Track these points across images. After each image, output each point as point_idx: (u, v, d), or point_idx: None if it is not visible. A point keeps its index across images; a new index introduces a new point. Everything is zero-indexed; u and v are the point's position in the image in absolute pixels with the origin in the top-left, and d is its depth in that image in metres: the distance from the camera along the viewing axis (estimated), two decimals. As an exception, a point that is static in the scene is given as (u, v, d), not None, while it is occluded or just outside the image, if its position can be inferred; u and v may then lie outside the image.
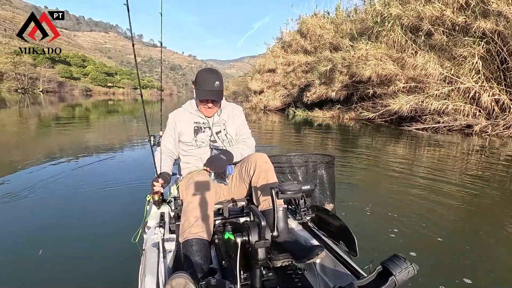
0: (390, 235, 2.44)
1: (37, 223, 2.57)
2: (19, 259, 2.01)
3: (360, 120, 13.23)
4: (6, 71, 53.78)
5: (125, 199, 3.14)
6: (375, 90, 12.20)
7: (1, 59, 54.65)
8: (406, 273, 0.91)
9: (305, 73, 17.42)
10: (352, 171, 4.56)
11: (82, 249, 2.17)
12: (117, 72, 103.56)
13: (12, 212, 2.76)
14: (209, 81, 1.61)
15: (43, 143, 6.92)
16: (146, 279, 1.09)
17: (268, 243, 1.01)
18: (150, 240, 1.36)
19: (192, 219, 1.36)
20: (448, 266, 2.05)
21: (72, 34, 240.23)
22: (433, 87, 10.08)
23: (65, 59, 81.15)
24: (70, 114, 15.45)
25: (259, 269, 1.07)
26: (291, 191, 1.20)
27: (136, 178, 3.86)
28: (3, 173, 3.91)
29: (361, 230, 2.45)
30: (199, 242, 1.32)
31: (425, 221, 2.71)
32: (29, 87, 55.71)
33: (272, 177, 1.56)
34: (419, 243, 2.32)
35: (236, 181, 1.70)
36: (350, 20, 15.89)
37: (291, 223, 1.62)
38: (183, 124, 1.74)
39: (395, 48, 11.03)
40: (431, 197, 3.38)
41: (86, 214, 2.77)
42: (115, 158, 5.09)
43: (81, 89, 72.77)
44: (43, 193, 3.23)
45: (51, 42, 67.57)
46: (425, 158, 5.88)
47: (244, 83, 28.88)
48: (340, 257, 1.28)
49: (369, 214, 2.87)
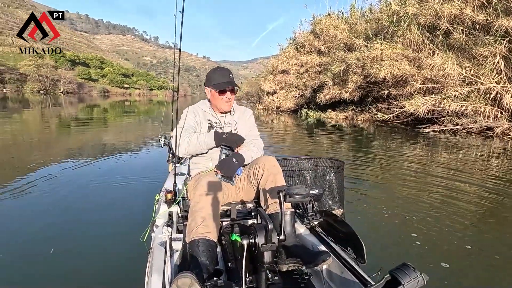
0: (400, 243, 2.36)
1: (49, 220, 2.65)
2: (31, 255, 2.08)
3: (374, 122, 12.97)
4: (29, 73, 56.30)
5: (135, 198, 3.21)
6: (390, 91, 11.93)
7: (25, 61, 57.28)
8: (415, 283, 0.88)
9: (318, 74, 17.27)
10: (363, 175, 4.46)
11: (92, 246, 2.22)
12: (134, 73, 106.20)
13: (24, 209, 2.86)
14: (223, 74, 1.70)
15: (61, 142, 7.18)
16: (152, 277, 1.10)
17: (274, 246, 1.01)
18: (157, 239, 1.37)
19: (198, 220, 1.37)
20: (462, 277, 1.96)
21: (91, 37, 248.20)
22: (452, 88, 9.74)
23: (84, 61, 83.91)
24: (88, 115, 15.96)
25: (265, 272, 1.06)
26: (299, 195, 1.19)
27: (146, 177, 3.94)
28: (21, 170, 4.09)
29: (370, 236, 2.39)
30: (205, 242, 1.32)
31: (439, 230, 2.59)
32: (50, 88, 58.02)
33: (280, 180, 1.56)
34: (430, 253, 2.21)
35: (245, 183, 1.70)
36: (365, 20, 15.63)
37: (299, 227, 1.60)
38: (199, 118, 1.76)
39: (411, 48, 10.74)
40: (446, 204, 3.24)
41: (96, 212, 2.84)
42: (127, 157, 5.21)
43: (99, 90, 75.08)
44: (57, 191, 3.34)
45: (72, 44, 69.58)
46: (441, 161, 5.69)
47: (257, 84, 28.92)
48: (348, 264, 1.25)
49: (379, 220, 2.80)
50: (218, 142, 1.60)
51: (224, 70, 1.74)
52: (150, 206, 1.77)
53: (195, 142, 1.60)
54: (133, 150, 6.04)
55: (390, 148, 7.16)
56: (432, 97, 9.96)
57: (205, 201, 1.41)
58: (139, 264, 1.56)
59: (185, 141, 1.61)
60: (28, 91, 52.41)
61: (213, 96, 1.73)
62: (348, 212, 2.77)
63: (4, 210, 2.83)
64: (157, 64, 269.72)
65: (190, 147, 1.61)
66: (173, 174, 1.82)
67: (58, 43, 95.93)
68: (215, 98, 1.73)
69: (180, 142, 1.62)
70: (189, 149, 1.62)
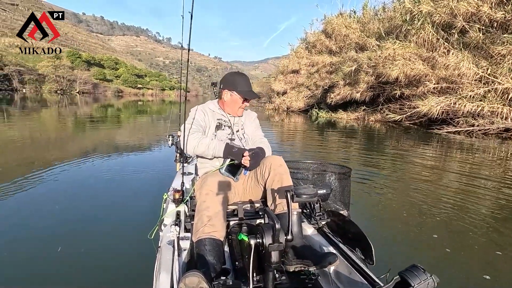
0: (410, 244, 2.31)
1: (57, 216, 2.72)
2: (40, 252, 2.13)
3: (386, 123, 12.74)
4: (47, 74, 58.24)
5: (144, 196, 3.26)
6: (402, 91, 11.70)
7: (44, 62, 59.32)
8: (425, 285, 0.87)
9: (329, 74, 17.12)
10: (373, 175, 4.40)
11: (100, 244, 2.25)
12: (147, 74, 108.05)
13: (33, 206, 2.93)
14: (246, 83, 1.75)
15: (75, 140, 7.39)
16: (160, 276, 1.11)
17: (282, 246, 1.00)
18: (165, 238, 1.39)
19: (205, 219, 1.38)
20: (474, 279, 1.91)
21: (107, 38, 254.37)
22: (467, 87, 9.46)
23: (99, 62, 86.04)
24: (103, 114, 16.36)
25: (272, 272, 1.05)
26: (306, 194, 1.18)
27: (156, 175, 4.01)
28: (33, 167, 4.24)
29: (379, 237, 2.35)
30: (212, 242, 1.33)
31: (451, 233, 2.53)
32: (67, 88, 59.80)
33: (287, 180, 1.56)
34: (441, 254, 2.16)
35: (252, 183, 1.71)
36: (377, 19, 15.39)
37: (306, 227, 1.60)
38: (208, 118, 1.77)
39: (425, 47, 10.51)
40: (459, 207, 3.15)
41: (104, 210, 2.88)
42: (137, 156, 5.33)
43: (113, 91, 76.77)
44: (66, 188, 3.44)
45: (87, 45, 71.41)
46: (455, 163, 5.54)
47: (268, 84, 28.92)
48: (356, 265, 1.24)
49: (389, 221, 2.76)
50: (226, 155, 1.61)
51: (246, 78, 1.77)
52: (158, 205, 1.81)
53: (205, 145, 1.61)
54: (143, 149, 6.17)
55: (402, 149, 7.03)
56: (446, 97, 9.71)
57: (211, 200, 1.42)
58: (148, 263, 1.58)
59: (195, 140, 1.62)
60: (46, 91, 54.20)
61: (234, 101, 1.75)
62: (357, 212, 2.75)
63: (14, 206, 2.92)
64: (169, 65, 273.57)
65: (199, 148, 1.62)
66: (181, 174, 1.84)
67: (74, 44, 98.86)
68: (235, 103, 1.75)
69: (189, 140, 1.63)
70: (197, 149, 1.63)
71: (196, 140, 1.62)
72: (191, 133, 1.64)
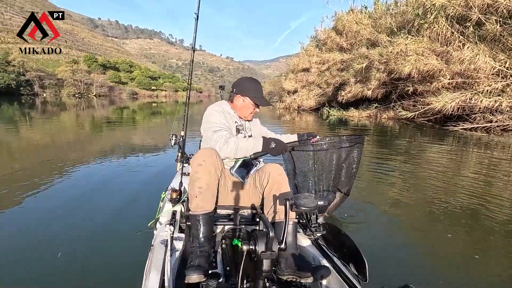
0: (409, 263, 2.13)
1: (66, 215, 2.77)
2: (43, 248, 2.17)
3: (399, 120, 12.46)
4: (66, 78, 60.48)
5: (144, 194, 3.29)
6: (415, 87, 11.40)
7: (62, 67, 61.65)
8: None
9: (340, 71, 16.90)
10: (380, 179, 4.17)
11: (94, 239, 2.29)
12: (160, 75, 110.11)
13: (41, 204, 3.02)
14: (259, 89, 1.75)
15: (91, 142, 7.67)
16: (150, 274, 1.12)
17: (274, 255, 0.99)
18: (159, 237, 1.40)
19: (196, 190, 1.44)
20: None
21: (121, 42, 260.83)
22: (484, 82, 9.13)
23: (114, 65, 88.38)
24: (118, 116, 16.83)
25: (263, 280, 1.04)
26: (306, 207, 1.13)
27: (158, 174, 4.07)
28: (46, 169, 4.45)
29: (374, 251, 2.16)
30: (203, 216, 1.42)
31: (455, 253, 2.24)
32: (84, 91, 61.90)
33: (285, 188, 1.56)
34: (440, 277, 1.94)
35: (250, 189, 1.71)
36: (389, 13, 15.04)
37: (301, 238, 1.58)
38: (228, 120, 1.71)
39: (439, 41, 10.20)
40: (471, 218, 2.82)
41: (104, 207, 2.92)
42: (145, 156, 5.45)
43: (128, 93, 78.73)
44: (74, 188, 3.54)
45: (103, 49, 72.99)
46: (470, 163, 5.30)
47: (279, 83, 28.83)
48: (348, 280, 1.21)
49: (388, 234, 2.56)
50: (264, 149, 1.53)
51: (259, 85, 1.78)
52: (157, 203, 1.86)
53: (244, 147, 1.52)
54: (152, 149, 6.32)
55: (414, 147, 6.87)
56: (461, 92, 9.40)
57: (203, 171, 1.44)
58: (141, 261, 1.54)
59: (234, 144, 1.52)
60: (65, 95, 56.25)
61: (246, 106, 1.74)
62: (355, 223, 2.68)
63: (22, 207, 2.98)
64: (182, 66, 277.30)
65: (238, 153, 1.53)
66: (180, 174, 1.89)
67: (90, 49, 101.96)
68: (246, 108, 1.74)
69: (227, 145, 1.52)
70: (237, 153, 1.53)
71: (235, 144, 1.52)
72: (223, 138, 1.54)
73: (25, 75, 52.66)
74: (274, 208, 1.53)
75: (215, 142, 1.54)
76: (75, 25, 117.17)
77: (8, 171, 4.39)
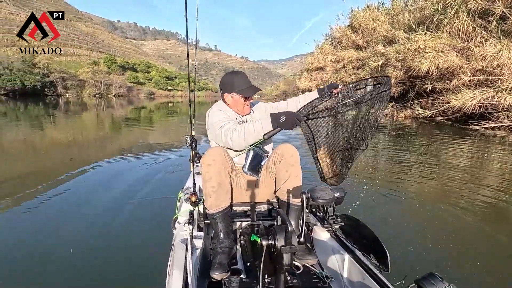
0: (429, 252, 2.17)
1: (80, 213, 2.85)
2: (62, 242, 2.27)
3: (417, 119, 12.10)
4: (87, 79, 62.80)
5: (161, 194, 3.37)
6: (434, 85, 11.05)
7: (83, 69, 64.07)
8: None
9: (356, 69, 16.62)
10: (399, 176, 4.17)
11: (115, 238, 2.37)
12: (177, 76, 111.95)
13: (54, 204, 3.10)
14: (243, 80, 1.68)
15: (110, 140, 7.98)
16: (173, 273, 1.14)
17: (294, 248, 0.98)
18: (179, 236, 1.43)
19: (210, 190, 1.46)
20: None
21: (139, 43, 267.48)
22: (508, 79, 8.73)
23: (132, 66, 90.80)
24: (136, 115, 17.35)
25: (284, 274, 1.03)
26: (323, 199, 1.13)
27: (175, 174, 4.18)
28: (64, 168, 4.69)
29: (396, 241, 2.19)
30: (220, 213, 1.47)
31: (475, 240, 2.29)
32: (104, 92, 64.01)
33: (296, 171, 1.55)
34: (462, 263, 2.01)
35: (265, 180, 1.69)
36: (407, 10, 14.63)
37: (319, 230, 1.57)
38: (231, 117, 1.69)
39: (459, 37, 9.84)
40: (496, 214, 2.81)
41: (121, 209, 2.95)
42: (160, 155, 5.62)
43: (146, 93, 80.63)
44: (85, 185, 3.70)
45: (122, 51, 74.62)
46: (491, 163, 5.11)
47: (294, 82, 28.69)
48: (370, 271, 1.19)
49: (408, 225, 2.59)
50: (275, 125, 1.38)
51: (242, 75, 1.70)
52: (172, 203, 1.89)
53: (253, 129, 1.42)
54: (168, 148, 6.50)
55: (433, 147, 6.69)
56: (483, 90, 9.02)
57: (213, 170, 1.46)
58: (162, 260, 1.58)
59: (242, 129, 1.45)
60: (86, 95, 58.38)
61: (237, 102, 1.70)
62: (375, 215, 2.70)
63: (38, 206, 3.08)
64: (198, 66, 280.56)
65: (249, 137, 1.43)
66: (193, 174, 1.89)
67: (110, 51, 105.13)
68: (238, 103, 1.70)
69: (236, 133, 1.45)
70: (248, 138, 1.44)
71: (242, 131, 1.44)
72: (231, 129, 1.48)
73: (49, 77, 55.08)
74: (284, 188, 1.55)
75: (224, 136, 1.49)
76: (95, 27, 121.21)
77: (32, 169, 4.66)
